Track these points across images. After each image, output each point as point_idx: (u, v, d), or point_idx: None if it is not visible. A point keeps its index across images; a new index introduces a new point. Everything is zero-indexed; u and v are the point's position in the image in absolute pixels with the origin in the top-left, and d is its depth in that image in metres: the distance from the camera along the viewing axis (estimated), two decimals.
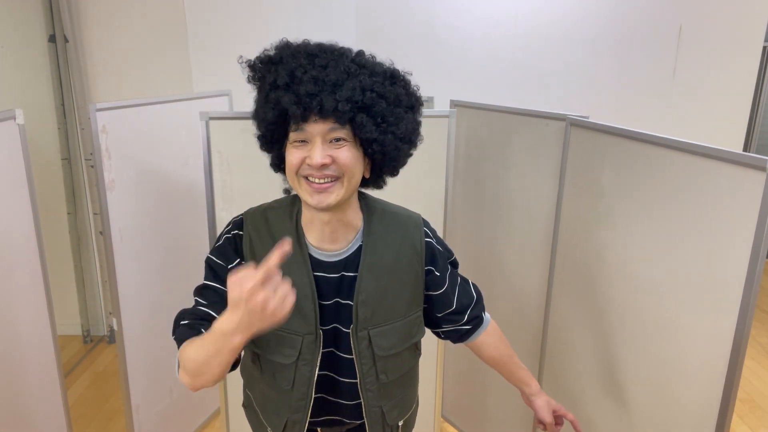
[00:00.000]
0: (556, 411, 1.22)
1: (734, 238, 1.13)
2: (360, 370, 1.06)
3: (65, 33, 2.73)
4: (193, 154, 2.14)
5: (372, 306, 1.03)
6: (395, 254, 1.05)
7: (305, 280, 1.01)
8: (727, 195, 1.14)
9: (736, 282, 1.12)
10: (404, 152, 1.00)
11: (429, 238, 1.10)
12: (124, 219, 1.89)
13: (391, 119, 0.93)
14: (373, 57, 0.97)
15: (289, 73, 0.89)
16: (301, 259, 1.02)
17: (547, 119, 1.73)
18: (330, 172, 0.92)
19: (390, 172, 1.03)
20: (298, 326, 1.01)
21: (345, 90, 0.87)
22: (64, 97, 2.85)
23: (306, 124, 0.90)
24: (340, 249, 1.03)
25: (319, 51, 0.92)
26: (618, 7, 2.67)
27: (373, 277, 1.03)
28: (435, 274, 1.10)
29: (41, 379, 1.72)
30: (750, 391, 2.79)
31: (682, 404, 1.29)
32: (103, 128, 1.77)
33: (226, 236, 1.05)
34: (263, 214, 1.06)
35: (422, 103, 1.01)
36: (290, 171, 0.95)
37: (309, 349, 1.02)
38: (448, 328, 1.17)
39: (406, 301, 1.07)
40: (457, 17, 2.70)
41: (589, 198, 1.57)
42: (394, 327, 1.06)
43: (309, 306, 1.01)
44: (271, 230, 1.04)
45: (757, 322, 3.49)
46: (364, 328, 1.03)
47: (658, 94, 2.76)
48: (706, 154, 1.18)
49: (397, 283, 1.05)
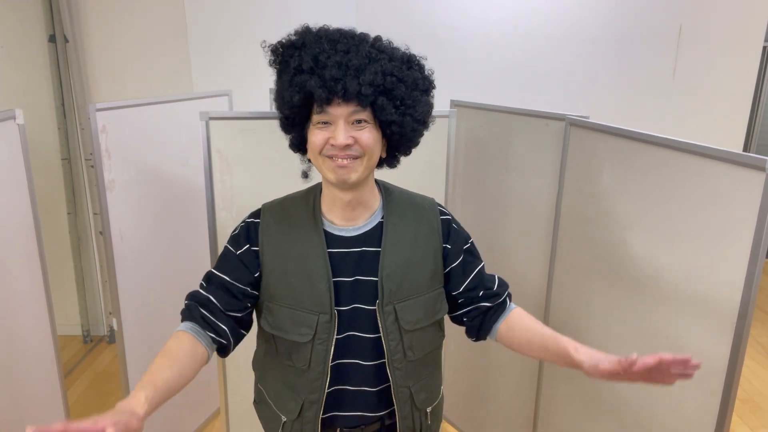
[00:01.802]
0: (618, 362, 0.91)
1: (734, 238, 1.13)
2: (387, 347, 1.06)
3: (65, 33, 2.73)
4: (193, 154, 2.14)
5: (397, 280, 1.05)
6: (414, 231, 1.09)
7: (320, 261, 1.04)
8: (727, 195, 1.14)
9: (736, 282, 1.12)
10: (419, 133, 1.05)
11: (445, 216, 1.14)
12: (124, 219, 1.89)
13: (409, 102, 0.98)
14: (390, 42, 1.01)
15: (313, 57, 0.93)
16: (316, 239, 1.05)
17: (547, 119, 1.73)
18: (352, 152, 0.96)
19: (404, 152, 1.08)
20: (313, 305, 1.04)
21: (367, 74, 0.92)
22: (64, 97, 2.85)
23: (330, 106, 0.94)
24: (360, 224, 1.07)
25: (340, 36, 0.96)
26: (618, 7, 2.67)
27: (396, 252, 1.06)
28: (451, 248, 1.12)
29: (41, 379, 1.72)
30: (750, 391, 2.79)
31: (682, 404, 1.29)
32: (103, 128, 1.77)
33: (241, 225, 1.10)
34: (280, 204, 1.11)
35: (434, 86, 1.07)
36: (314, 151, 0.99)
37: (324, 329, 1.04)
38: (469, 308, 1.14)
39: (427, 275, 1.09)
40: (457, 17, 2.70)
41: (589, 198, 1.57)
42: (418, 301, 1.08)
43: (323, 285, 1.03)
44: (288, 214, 1.08)
45: (757, 322, 3.49)
46: (390, 302, 1.05)
47: (658, 93, 2.76)
48: (705, 154, 1.18)
49: (419, 257, 1.08)
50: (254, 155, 1.69)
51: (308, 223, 1.06)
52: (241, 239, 1.08)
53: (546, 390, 1.86)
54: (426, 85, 1.03)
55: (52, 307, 1.73)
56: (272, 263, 1.06)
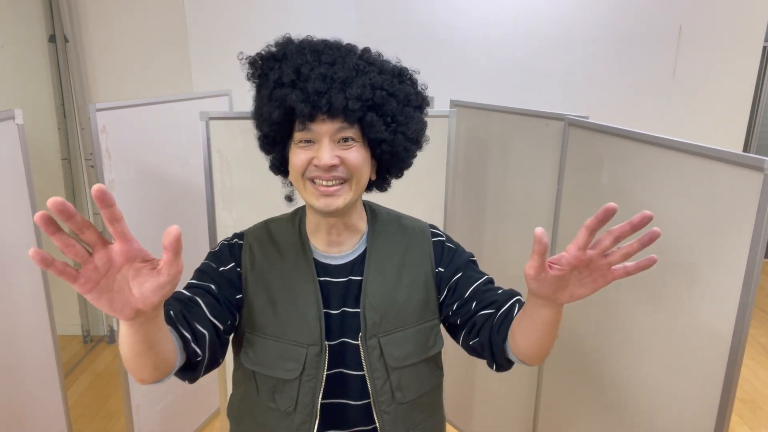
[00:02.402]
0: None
1: (733, 238, 1.13)
2: (372, 386, 0.95)
3: (65, 33, 2.73)
4: (193, 154, 2.14)
5: (380, 310, 0.95)
6: (401, 256, 0.99)
7: (310, 287, 0.95)
8: (726, 195, 1.14)
9: (735, 282, 1.12)
10: (412, 153, 0.96)
11: (438, 237, 1.03)
12: (125, 219, 1.88)
13: (401, 119, 0.90)
14: (379, 54, 0.93)
15: (294, 69, 0.85)
16: (305, 265, 0.96)
17: (547, 119, 1.73)
18: (338, 173, 0.87)
19: (396, 174, 0.99)
20: (302, 336, 0.93)
21: (355, 88, 0.84)
22: (64, 97, 2.85)
23: (313, 123, 0.85)
24: (346, 252, 0.98)
25: (324, 47, 0.88)
26: (618, 7, 2.67)
27: (380, 279, 0.96)
28: (445, 272, 1.00)
29: (41, 379, 1.72)
30: (750, 391, 2.79)
31: (682, 404, 1.29)
32: (103, 128, 1.77)
33: (223, 242, 1.00)
34: (264, 226, 1.02)
35: (428, 103, 0.97)
36: (295, 173, 0.90)
37: (313, 363, 0.93)
38: (467, 327, 0.96)
39: (417, 305, 0.97)
40: (457, 17, 2.70)
41: (588, 198, 1.57)
42: (407, 334, 0.96)
43: (313, 314, 0.93)
44: (274, 238, 0.99)
45: (757, 322, 3.49)
46: (373, 335, 0.94)
47: (658, 94, 2.76)
48: (705, 155, 1.19)
49: (407, 285, 0.97)
50: (254, 155, 1.68)
51: (296, 248, 0.97)
52: (225, 257, 0.97)
53: (546, 390, 1.86)
54: (419, 101, 0.94)
55: (52, 307, 1.73)
56: (256, 290, 0.95)
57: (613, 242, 0.70)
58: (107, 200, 0.55)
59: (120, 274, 0.61)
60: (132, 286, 0.61)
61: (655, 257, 0.70)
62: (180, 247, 0.60)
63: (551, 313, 0.79)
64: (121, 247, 0.59)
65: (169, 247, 0.59)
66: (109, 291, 0.61)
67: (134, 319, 0.65)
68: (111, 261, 0.59)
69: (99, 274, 0.59)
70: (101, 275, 0.59)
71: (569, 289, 0.75)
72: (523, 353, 0.88)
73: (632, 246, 0.69)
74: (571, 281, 0.74)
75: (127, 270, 0.61)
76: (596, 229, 0.68)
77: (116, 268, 0.60)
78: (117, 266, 0.60)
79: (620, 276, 0.72)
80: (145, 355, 0.72)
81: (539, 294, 0.75)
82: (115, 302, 0.61)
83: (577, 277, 0.74)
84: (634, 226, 0.68)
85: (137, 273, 0.61)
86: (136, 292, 0.61)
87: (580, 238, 0.69)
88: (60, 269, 0.55)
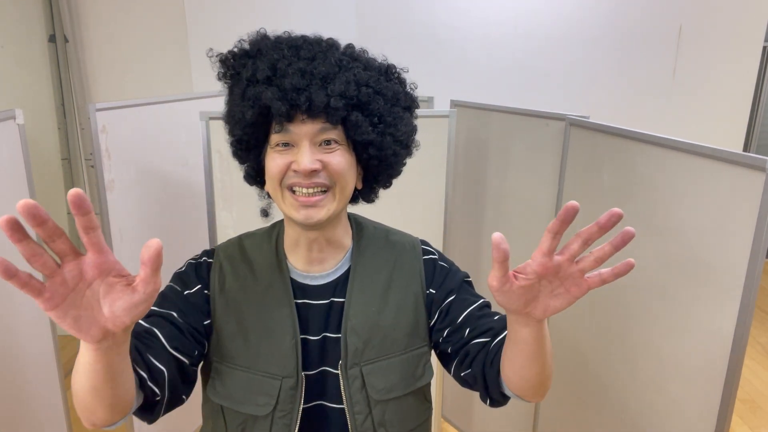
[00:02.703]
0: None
1: (734, 238, 1.13)
2: (352, 422, 0.85)
3: (65, 33, 2.73)
4: (193, 154, 2.14)
5: (363, 335, 0.85)
6: (387, 275, 0.89)
7: (285, 311, 0.85)
8: (727, 195, 1.14)
9: (736, 282, 1.12)
10: (401, 159, 0.87)
11: (429, 255, 0.94)
12: (124, 219, 1.89)
13: (389, 119, 0.81)
14: (364, 50, 0.84)
15: (270, 65, 0.77)
16: (280, 286, 0.86)
17: (547, 119, 1.73)
18: (320, 179, 0.78)
19: (384, 183, 0.90)
20: (275, 367, 0.83)
21: (337, 84, 0.76)
22: (64, 97, 2.85)
23: (291, 124, 0.77)
24: (329, 270, 0.88)
25: (303, 42, 0.80)
26: (618, 7, 2.67)
27: (363, 301, 0.86)
28: (436, 294, 0.91)
29: (41, 379, 1.72)
30: (750, 391, 2.79)
31: (682, 404, 1.29)
32: (103, 128, 1.77)
33: (190, 262, 0.90)
34: (237, 243, 0.92)
35: (418, 104, 0.89)
36: (272, 180, 0.80)
37: (288, 398, 0.83)
38: (459, 358, 0.87)
39: (405, 330, 0.88)
40: (457, 17, 2.70)
41: (589, 198, 1.57)
42: (392, 363, 0.86)
43: (288, 342, 0.83)
44: (247, 256, 0.89)
45: (757, 322, 3.49)
46: (355, 364, 0.84)
47: (658, 93, 2.76)
48: (705, 155, 1.18)
49: (394, 307, 0.88)
50: None
51: (271, 268, 0.87)
52: (190, 278, 0.87)
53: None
54: (408, 102, 0.86)
55: None
56: (225, 314, 0.85)
57: (582, 246, 0.63)
58: (84, 207, 0.50)
59: (90, 290, 0.55)
60: (102, 304, 0.55)
61: (632, 261, 0.62)
62: (160, 263, 0.54)
63: (530, 332, 0.70)
64: (94, 259, 0.54)
65: (148, 262, 0.53)
66: (76, 308, 0.54)
67: (100, 343, 0.57)
68: (82, 274, 0.54)
69: (67, 289, 0.53)
70: (69, 290, 0.53)
71: (542, 301, 0.66)
72: (514, 384, 0.78)
73: (603, 249, 0.62)
74: (542, 292, 0.66)
75: (98, 285, 0.55)
76: (559, 231, 0.62)
77: (87, 282, 0.54)
78: (88, 280, 0.54)
79: (596, 284, 0.64)
80: (104, 389, 0.63)
81: (509, 308, 0.68)
82: (82, 321, 0.55)
83: (548, 287, 0.66)
84: (602, 226, 0.61)
85: (109, 289, 0.55)
86: (106, 311, 0.55)
87: (544, 243, 0.63)
88: (23, 281, 0.50)
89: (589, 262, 0.63)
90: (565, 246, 0.64)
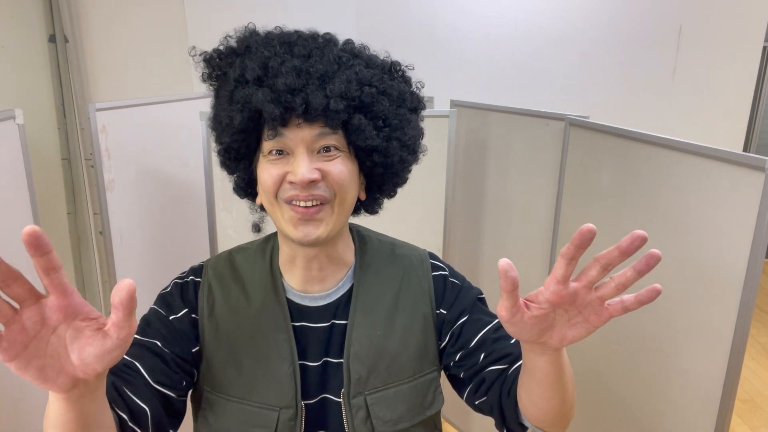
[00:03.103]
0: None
1: (733, 238, 1.13)
2: None
3: (65, 33, 2.73)
4: (193, 154, 2.14)
5: (368, 362, 0.78)
6: (394, 294, 0.82)
7: (282, 336, 0.77)
8: (727, 195, 1.14)
9: (736, 282, 1.12)
10: (408, 165, 0.80)
11: (438, 271, 0.86)
12: (124, 219, 1.89)
13: (395, 122, 0.74)
14: (365, 46, 0.77)
15: (261, 64, 0.69)
16: (276, 308, 0.79)
17: (547, 119, 1.73)
18: (319, 191, 0.70)
19: (389, 192, 0.83)
20: (272, 397, 0.76)
21: (337, 83, 0.68)
22: (64, 97, 2.85)
23: (286, 129, 0.69)
24: (329, 289, 0.81)
25: (297, 38, 0.73)
26: (618, 7, 2.67)
27: (368, 323, 0.79)
28: (447, 314, 0.83)
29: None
30: (750, 391, 2.79)
31: (682, 404, 1.29)
32: (103, 128, 1.77)
33: (176, 281, 0.82)
34: (228, 258, 0.84)
35: (425, 105, 0.82)
36: (266, 193, 0.73)
37: (286, 429, 0.76)
38: (473, 384, 0.81)
39: (413, 354, 0.81)
40: (457, 17, 2.70)
41: (589, 198, 1.57)
42: (400, 391, 0.79)
43: (286, 369, 0.76)
44: (239, 274, 0.81)
45: (757, 322, 3.49)
46: (359, 393, 0.77)
47: (658, 93, 2.76)
48: (705, 155, 1.18)
49: (401, 329, 0.80)
50: None
51: (264, 287, 0.80)
52: (176, 302, 0.79)
53: None
54: (415, 102, 0.79)
55: None
56: (215, 340, 0.78)
57: (601, 272, 0.57)
58: (42, 246, 0.45)
59: (55, 335, 0.49)
60: (70, 351, 0.49)
61: (658, 287, 0.56)
62: (134, 306, 0.48)
63: (547, 361, 0.64)
64: (58, 302, 0.48)
65: (119, 306, 0.47)
66: (40, 357, 0.48)
67: (70, 392, 0.51)
68: (44, 319, 0.48)
69: (27, 336, 0.47)
70: (30, 337, 0.47)
71: (558, 331, 0.60)
72: (532, 416, 0.72)
73: (626, 275, 0.56)
74: (558, 321, 0.60)
75: (64, 330, 0.49)
76: (575, 257, 0.55)
77: (50, 327, 0.48)
78: (52, 325, 0.48)
79: (618, 312, 0.58)
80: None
81: (522, 339, 0.62)
82: (48, 371, 0.49)
83: (564, 316, 0.60)
84: (624, 250, 0.54)
85: (77, 334, 0.49)
86: (74, 358, 0.49)
87: (558, 270, 0.56)
88: None
89: (610, 289, 0.57)
90: (582, 271, 0.58)
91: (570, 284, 0.57)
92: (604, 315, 0.58)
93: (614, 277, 0.57)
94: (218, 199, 1.72)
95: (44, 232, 0.44)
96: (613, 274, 0.57)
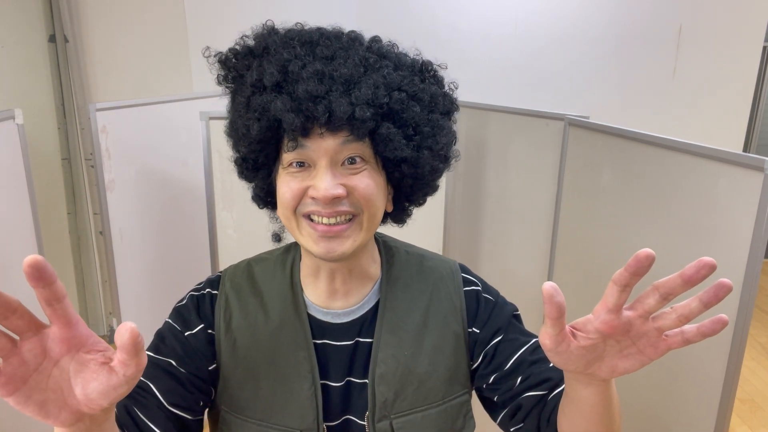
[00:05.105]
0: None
1: (733, 238, 1.13)
2: None
3: (65, 33, 2.73)
4: (193, 154, 2.15)
5: (395, 384, 0.73)
6: (423, 311, 0.76)
7: (302, 354, 0.73)
8: (726, 195, 1.14)
9: (735, 282, 1.12)
10: (439, 174, 0.75)
11: (471, 286, 0.80)
12: (124, 219, 1.89)
13: (427, 129, 0.68)
14: (393, 44, 0.71)
15: (280, 67, 0.63)
16: (297, 325, 0.74)
17: (547, 119, 1.73)
18: (344, 207, 0.65)
19: (418, 201, 0.78)
20: (292, 419, 0.71)
21: (363, 89, 0.62)
22: (64, 97, 2.85)
23: (307, 139, 0.63)
24: (353, 305, 0.75)
25: (320, 37, 0.67)
26: (618, 7, 2.67)
27: (394, 343, 0.74)
28: (480, 334, 0.77)
29: None
30: (750, 391, 2.79)
31: (682, 404, 1.29)
32: (103, 128, 1.77)
33: (191, 294, 0.77)
34: (247, 269, 0.79)
35: (458, 107, 0.76)
36: (285, 208, 0.67)
37: None
38: (508, 409, 0.75)
39: (443, 376, 0.75)
40: (458, 17, 2.70)
41: (588, 198, 1.57)
42: (428, 415, 0.74)
43: (307, 390, 0.72)
44: (257, 287, 0.76)
45: (757, 322, 3.49)
46: (384, 417, 0.72)
47: (658, 93, 2.76)
48: (705, 155, 1.18)
49: (430, 349, 0.75)
50: None
51: (285, 302, 0.75)
52: (191, 317, 0.74)
53: None
54: (447, 106, 0.73)
55: None
56: (232, 358, 0.73)
57: (660, 302, 0.52)
58: (46, 277, 0.41)
59: (57, 368, 0.45)
60: (74, 384, 0.46)
61: (725, 318, 0.50)
62: (140, 346, 0.45)
63: (594, 393, 0.59)
64: (61, 333, 0.44)
65: (124, 348, 0.44)
66: (41, 391, 0.45)
67: (74, 426, 0.47)
68: (46, 351, 0.45)
69: (27, 370, 0.44)
70: (30, 370, 0.44)
71: (608, 362, 0.55)
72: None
73: (689, 306, 0.51)
74: (608, 352, 0.55)
75: (68, 362, 0.46)
76: (629, 284, 0.50)
77: (52, 360, 0.45)
78: (54, 358, 0.45)
79: (677, 345, 0.52)
80: None
81: (567, 369, 0.57)
82: (49, 405, 0.45)
83: (615, 347, 0.54)
84: (687, 279, 0.50)
85: (81, 368, 0.46)
86: (78, 393, 0.46)
87: (610, 298, 0.51)
88: None
89: (671, 321, 0.52)
90: (638, 299, 0.53)
91: (623, 313, 0.52)
92: (662, 347, 0.53)
93: (676, 307, 0.52)
94: (218, 199, 1.72)
95: (48, 263, 0.41)
96: (674, 304, 0.53)
